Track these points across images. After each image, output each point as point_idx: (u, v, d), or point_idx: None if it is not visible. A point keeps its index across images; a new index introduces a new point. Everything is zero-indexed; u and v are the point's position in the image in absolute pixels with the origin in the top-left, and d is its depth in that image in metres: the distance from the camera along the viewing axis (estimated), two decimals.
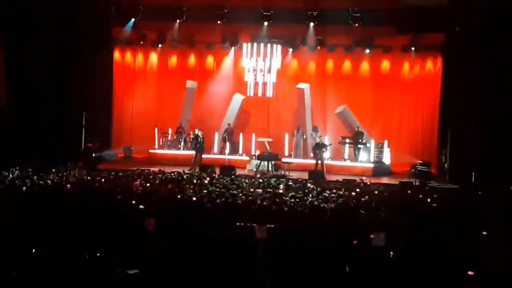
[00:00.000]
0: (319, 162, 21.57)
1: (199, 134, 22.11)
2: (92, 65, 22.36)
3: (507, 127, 19.49)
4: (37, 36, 21.29)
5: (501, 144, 19.54)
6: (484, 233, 9.67)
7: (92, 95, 22.69)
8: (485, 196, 14.58)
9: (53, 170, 16.45)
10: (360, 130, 23.03)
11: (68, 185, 13.32)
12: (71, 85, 21.99)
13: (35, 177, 14.35)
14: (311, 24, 22.83)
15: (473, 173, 19.06)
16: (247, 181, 16.46)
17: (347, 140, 22.99)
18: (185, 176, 17.00)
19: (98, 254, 8.64)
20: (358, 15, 21.94)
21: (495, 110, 19.67)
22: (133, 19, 23.06)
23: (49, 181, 13.89)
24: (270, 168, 20.97)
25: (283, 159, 21.81)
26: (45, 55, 21.35)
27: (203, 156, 22.13)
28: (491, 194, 14.83)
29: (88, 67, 22.11)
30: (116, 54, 25.25)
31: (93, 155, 22.09)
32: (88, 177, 15.47)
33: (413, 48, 23.54)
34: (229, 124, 24.07)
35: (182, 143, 23.89)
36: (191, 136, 23.29)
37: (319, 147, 21.72)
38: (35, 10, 21.17)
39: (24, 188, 12.72)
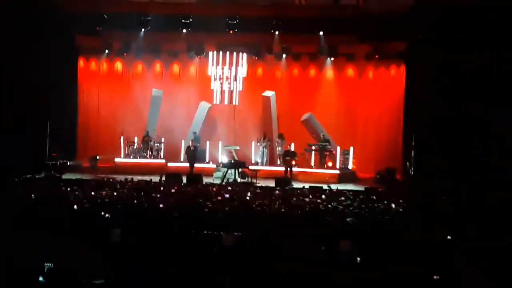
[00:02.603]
0: (288, 169, 21.73)
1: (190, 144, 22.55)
2: (56, 74, 22.11)
3: (470, 132, 19.75)
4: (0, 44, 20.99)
5: (465, 149, 19.80)
6: (449, 237, 9.85)
7: (56, 104, 22.45)
8: (449, 201, 14.81)
9: (17, 181, 16.20)
10: (325, 137, 23.17)
11: (33, 196, 13.11)
12: (35, 95, 21.66)
13: None
14: (276, 32, 22.97)
15: (437, 180, 19.21)
16: (214, 189, 16.44)
17: (313, 147, 23.10)
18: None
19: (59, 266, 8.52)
20: (322, 24, 22.12)
21: (457, 116, 19.96)
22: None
23: (13, 193, 13.67)
24: (237, 176, 21.00)
25: (250, 167, 21.85)
26: (8, 63, 21.02)
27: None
28: (456, 199, 15.08)
29: (52, 76, 21.86)
30: (81, 63, 25.04)
31: (58, 164, 21.82)
32: (53, 187, 15.25)
33: (376, 56, 23.76)
34: (194, 133, 23.99)
35: (149, 152, 23.74)
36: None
37: (288, 155, 21.88)
38: None
39: None
